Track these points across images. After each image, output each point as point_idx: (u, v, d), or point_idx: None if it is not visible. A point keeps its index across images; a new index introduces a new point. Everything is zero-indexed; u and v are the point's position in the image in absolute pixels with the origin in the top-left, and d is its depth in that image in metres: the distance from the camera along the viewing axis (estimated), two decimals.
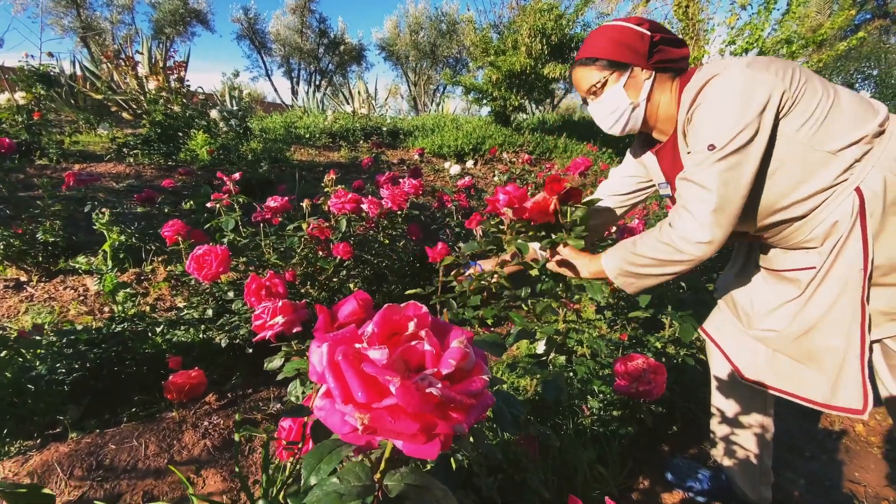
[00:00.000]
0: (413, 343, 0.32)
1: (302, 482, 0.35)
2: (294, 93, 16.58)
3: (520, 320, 0.99)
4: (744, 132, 0.86)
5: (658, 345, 1.40)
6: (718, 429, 1.21)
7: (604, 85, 1.07)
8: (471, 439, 0.65)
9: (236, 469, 1.07)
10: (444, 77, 8.51)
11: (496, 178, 3.84)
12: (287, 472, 0.83)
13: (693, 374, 1.46)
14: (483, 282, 1.08)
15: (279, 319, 0.98)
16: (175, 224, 1.73)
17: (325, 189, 1.98)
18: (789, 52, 6.23)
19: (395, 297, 2.42)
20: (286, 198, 1.85)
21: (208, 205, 1.83)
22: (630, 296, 1.81)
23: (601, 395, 1.32)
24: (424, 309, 0.38)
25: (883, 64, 9.23)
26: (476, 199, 3.79)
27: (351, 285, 1.94)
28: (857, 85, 9.93)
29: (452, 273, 1.21)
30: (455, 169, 5.08)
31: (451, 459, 0.57)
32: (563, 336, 0.93)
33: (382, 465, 0.36)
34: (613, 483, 1.22)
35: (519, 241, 0.95)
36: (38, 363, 1.40)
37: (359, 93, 8.79)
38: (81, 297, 2.28)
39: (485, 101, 8.07)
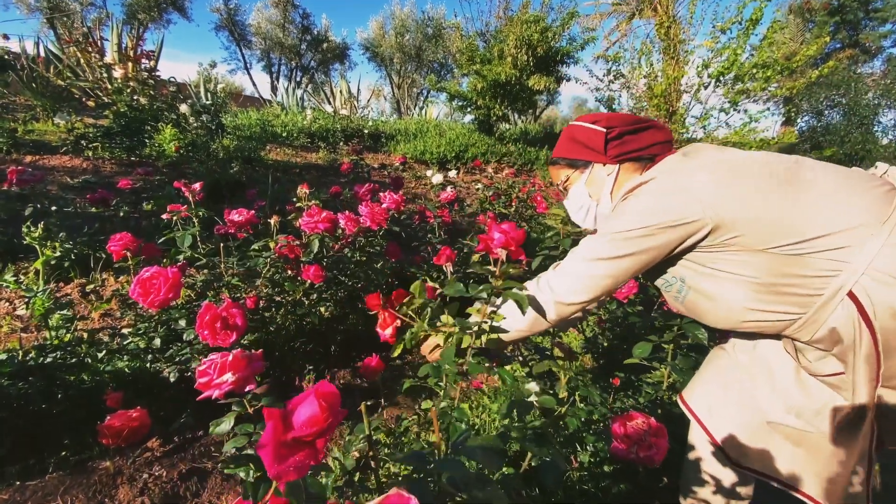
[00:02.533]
0: None
1: None
2: (273, 88, 16.14)
3: (510, 380, 0.87)
4: (622, 246, 0.87)
5: (651, 390, 1.30)
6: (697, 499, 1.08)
7: (568, 182, 1.09)
8: None
9: None
10: (428, 82, 8.40)
11: (480, 192, 3.73)
12: None
13: (686, 422, 1.36)
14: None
15: (228, 377, 0.82)
16: (123, 238, 1.54)
17: (298, 205, 1.81)
18: (764, 77, 6.38)
19: (370, 318, 2.28)
20: (251, 211, 1.68)
21: (164, 216, 1.65)
22: (620, 337, 1.72)
23: (593, 449, 1.21)
24: None
25: (852, 92, 9.60)
26: (459, 212, 3.68)
27: (322, 309, 1.78)
28: (826, 112, 10.30)
29: None
30: (437, 178, 4.95)
31: None
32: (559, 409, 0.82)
33: None
34: None
35: (514, 290, 0.82)
36: None
37: (341, 92, 8.57)
38: (24, 304, 2.04)
39: (469, 109, 7.99)
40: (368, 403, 1.63)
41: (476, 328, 0.82)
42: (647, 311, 1.66)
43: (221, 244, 1.52)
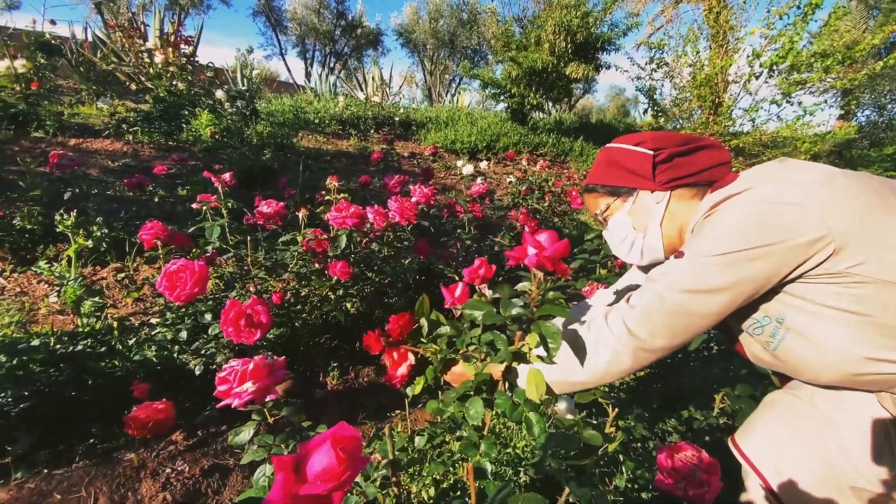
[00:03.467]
0: None
1: None
2: (307, 74, 16.26)
3: (540, 429, 0.73)
4: (726, 271, 0.70)
5: (700, 416, 1.19)
6: None
7: (608, 212, 0.97)
8: None
9: None
10: (461, 69, 8.22)
11: (512, 185, 3.61)
12: None
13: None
14: None
15: (248, 387, 0.78)
16: (154, 227, 1.53)
17: (328, 197, 1.77)
18: (823, 67, 5.90)
19: (396, 308, 2.23)
20: (280, 203, 1.65)
21: (194, 206, 1.63)
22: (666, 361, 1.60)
23: (630, 476, 1.12)
24: None
25: None
26: (490, 205, 3.58)
27: (347, 305, 1.75)
28: (890, 107, 9.52)
29: None
30: (468, 168, 4.84)
31: None
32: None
33: None
34: None
35: (551, 324, 0.66)
36: None
37: (373, 78, 8.53)
38: (56, 292, 2.10)
39: (502, 98, 7.78)
40: (392, 415, 1.57)
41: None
42: None
43: (249, 237, 1.49)
